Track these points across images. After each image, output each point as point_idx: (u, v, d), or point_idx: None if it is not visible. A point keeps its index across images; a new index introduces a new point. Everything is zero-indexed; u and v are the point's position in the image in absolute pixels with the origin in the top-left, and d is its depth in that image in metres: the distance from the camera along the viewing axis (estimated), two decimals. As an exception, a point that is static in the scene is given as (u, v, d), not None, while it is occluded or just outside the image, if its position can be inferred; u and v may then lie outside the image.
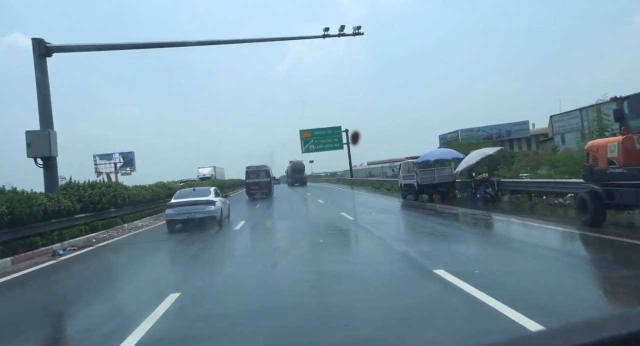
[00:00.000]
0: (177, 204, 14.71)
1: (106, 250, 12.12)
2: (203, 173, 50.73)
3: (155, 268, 9.56)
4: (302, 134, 50.16)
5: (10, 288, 8.09)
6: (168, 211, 14.84)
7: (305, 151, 50.36)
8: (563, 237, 9.79)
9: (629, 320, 0.97)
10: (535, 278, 6.17)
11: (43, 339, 5.22)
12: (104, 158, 53.96)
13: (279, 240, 12.48)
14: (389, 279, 6.70)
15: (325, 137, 50.30)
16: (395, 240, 10.79)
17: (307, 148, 50.17)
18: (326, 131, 50.58)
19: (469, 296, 5.17)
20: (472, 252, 8.92)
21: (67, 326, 5.78)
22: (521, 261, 7.44)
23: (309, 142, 50.03)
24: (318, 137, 50.20)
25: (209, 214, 14.47)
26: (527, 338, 1.03)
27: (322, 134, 50.34)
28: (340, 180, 60.65)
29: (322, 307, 5.39)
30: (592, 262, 7.58)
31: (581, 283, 6.10)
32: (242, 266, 8.68)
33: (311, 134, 50.15)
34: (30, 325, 5.50)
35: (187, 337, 4.59)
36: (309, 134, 50.11)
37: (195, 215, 14.26)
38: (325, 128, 50.73)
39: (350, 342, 4.24)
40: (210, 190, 15.97)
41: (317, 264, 8.43)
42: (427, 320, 4.73)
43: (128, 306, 6.20)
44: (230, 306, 5.63)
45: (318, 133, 50.31)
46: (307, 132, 50.24)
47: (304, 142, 50.05)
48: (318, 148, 49.97)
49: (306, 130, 50.34)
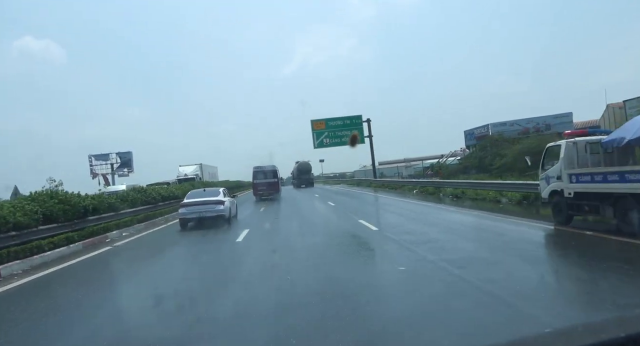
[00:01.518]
0: (189, 204, 15.18)
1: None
2: (184, 173, 38.46)
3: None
4: (314, 125, 40.55)
5: None
6: (181, 210, 15.23)
7: (319, 146, 40.69)
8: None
9: (628, 322, 1.05)
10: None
11: None
12: (100, 159, 51.05)
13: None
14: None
15: (342, 128, 40.63)
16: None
17: (321, 142, 40.53)
18: (344, 121, 40.89)
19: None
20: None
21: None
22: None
23: (323, 134, 40.42)
24: (334, 128, 40.57)
25: (218, 213, 14.89)
26: (528, 340, 1.05)
27: (338, 125, 40.68)
28: (362, 182, 49.52)
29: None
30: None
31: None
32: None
33: (325, 125, 40.51)
34: None
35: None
36: (322, 125, 40.49)
37: (205, 214, 14.75)
38: (342, 118, 41.04)
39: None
40: (220, 191, 16.52)
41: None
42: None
43: None
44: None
45: (334, 124, 40.66)
46: (321, 122, 40.63)
47: (316, 134, 40.44)
48: (334, 142, 40.24)
49: (319, 120, 40.72)
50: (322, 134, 40.27)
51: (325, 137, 40.25)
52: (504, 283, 5.64)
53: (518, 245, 8.77)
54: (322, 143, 40.38)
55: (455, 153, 53.13)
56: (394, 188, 33.62)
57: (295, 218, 17.51)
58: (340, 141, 40.05)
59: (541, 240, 9.54)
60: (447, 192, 23.39)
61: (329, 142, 40.43)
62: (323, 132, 40.31)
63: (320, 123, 40.44)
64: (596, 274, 6.16)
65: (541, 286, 5.71)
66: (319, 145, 40.52)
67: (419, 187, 28.28)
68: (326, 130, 40.27)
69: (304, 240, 11.36)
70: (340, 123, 40.62)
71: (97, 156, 50.86)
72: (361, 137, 40.75)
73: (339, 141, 40.13)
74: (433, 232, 11.09)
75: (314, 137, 40.29)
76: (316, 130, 40.32)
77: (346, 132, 40.42)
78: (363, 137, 41.01)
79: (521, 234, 10.07)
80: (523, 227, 11.00)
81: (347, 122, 40.71)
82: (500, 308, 4.67)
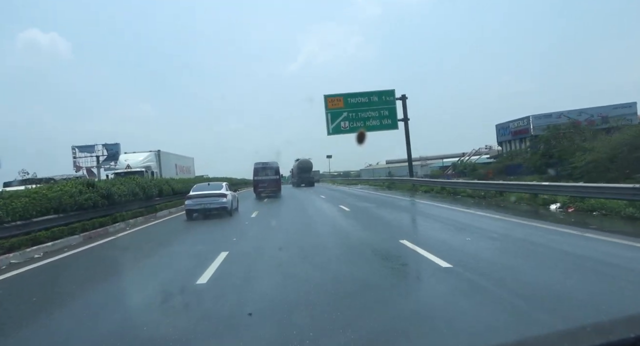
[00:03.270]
0: (195, 196, 15.92)
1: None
2: (127, 163, 26.20)
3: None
4: (328, 102, 29.53)
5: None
6: (187, 202, 15.87)
7: (334, 131, 29.59)
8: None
9: (637, 323, 1.02)
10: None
11: None
12: (85, 151, 47.21)
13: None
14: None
15: (367, 107, 29.49)
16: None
17: (337, 126, 29.40)
18: (369, 97, 29.81)
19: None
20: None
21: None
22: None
23: (340, 115, 29.30)
24: (355, 108, 29.52)
25: (221, 205, 15.70)
26: (535, 340, 1.05)
27: (362, 104, 29.63)
28: (393, 183, 38.10)
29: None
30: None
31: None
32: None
33: (344, 102, 29.44)
34: None
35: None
36: (339, 102, 29.41)
37: (209, 205, 15.54)
38: (367, 93, 29.96)
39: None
40: (223, 185, 17.47)
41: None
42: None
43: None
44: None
45: (355, 102, 29.62)
46: (337, 98, 29.59)
47: (331, 116, 29.38)
48: (356, 126, 29.08)
49: (335, 96, 29.70)
50: (339, 115, 29.15)
51: (343, 119, 29.13)
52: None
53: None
54: (338, 127, 29.21)
55: (480, 151, 51.49)
56: (454, 193, 22.25)
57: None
58: (364, 125, 28.89)
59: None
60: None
61: (347, 126, 29.29)
62: (340, 113, 29.19)
63: (336, 100, 29.31)
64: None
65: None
66: (334, 131, 29.35)
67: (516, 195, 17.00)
68: (345, 110, 29.16)
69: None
70: (364, 100, 29.49)
71: (82, 148, 46.78)
72: (392, 120, 29.40)
73: (362, 125, 28.94)
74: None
75: (328, 120, 29.19)
76: (331, 109, 29.23)
77: (372, 112, 29.29)
78: (395, 121, 29.63)
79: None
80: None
81: (374, 99, 29.58)
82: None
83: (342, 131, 29.52)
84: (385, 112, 29.48)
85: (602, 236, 8.23)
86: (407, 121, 30.22)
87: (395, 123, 29.83)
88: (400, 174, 45.86)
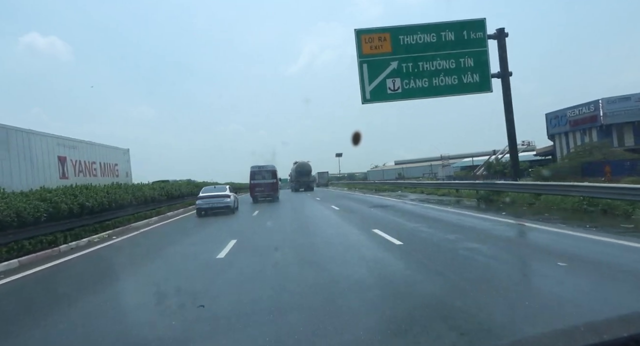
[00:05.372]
0: (204, 197, 18.97)
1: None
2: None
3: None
4: (363, 44, 16.10)
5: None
6: (198, 201, 18.89)
7: (374, 97, 16.40)
8: None
9: (630, 322, 0.99)
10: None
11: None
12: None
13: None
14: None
15: (435, 52, 16.04)
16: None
17: (380, 87, 16.20)
18: (439, 34, 16.18)
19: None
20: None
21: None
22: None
23: (386, 67, 15.99)
24: (415, 53, 16.02)
25: (226, 204, 18.72)
26: (530, 340, 1.02)
27: (427, 45, 16.11)
28: (494, 191, 22.65)
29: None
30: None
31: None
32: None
33: (392, 43, 16.02)
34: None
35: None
36: (385, 43, 16.06)
37: (216, 205, 18.56)
38: (435, 25, 16.27)
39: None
40: (227, 188, 20.46)
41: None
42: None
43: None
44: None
45: (413, 42, 16.05)
46: (381, 35, 16.09)
47: (368, 69, 16.09)
48: (415, 87, 15.69)
49: (377, 31, 16.14)
50: (384, 67, 15.97)
51: (391, 74, 15.82)
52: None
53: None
54: (382, 90, 16.13)
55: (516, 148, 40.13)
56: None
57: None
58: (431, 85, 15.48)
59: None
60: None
61: (398, 87, 15.96)
62: (386, 63, 15.99)
63: (378, 38, 16.04)
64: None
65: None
66: (373, 96, 16.32)
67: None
68: (394, 57, 15.79)
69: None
70: (430, 39, 16.14)
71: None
72: (482, 74, 16.12)
73: (426, 85, 15.62)
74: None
75: (364, 75, 15.95)
76: (368, 56, 15.98)
77: (443, 62, 15.93)
78: (487, 76, 16.35)
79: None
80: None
81: (449, 37, 16.12)
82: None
83: (388, 96, 16.27)
84: (469, 60, 16.05)
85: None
86: (508, 77, 16.72)
87: (488, 81, 16.42)
88: (412, 175, 40.13)
